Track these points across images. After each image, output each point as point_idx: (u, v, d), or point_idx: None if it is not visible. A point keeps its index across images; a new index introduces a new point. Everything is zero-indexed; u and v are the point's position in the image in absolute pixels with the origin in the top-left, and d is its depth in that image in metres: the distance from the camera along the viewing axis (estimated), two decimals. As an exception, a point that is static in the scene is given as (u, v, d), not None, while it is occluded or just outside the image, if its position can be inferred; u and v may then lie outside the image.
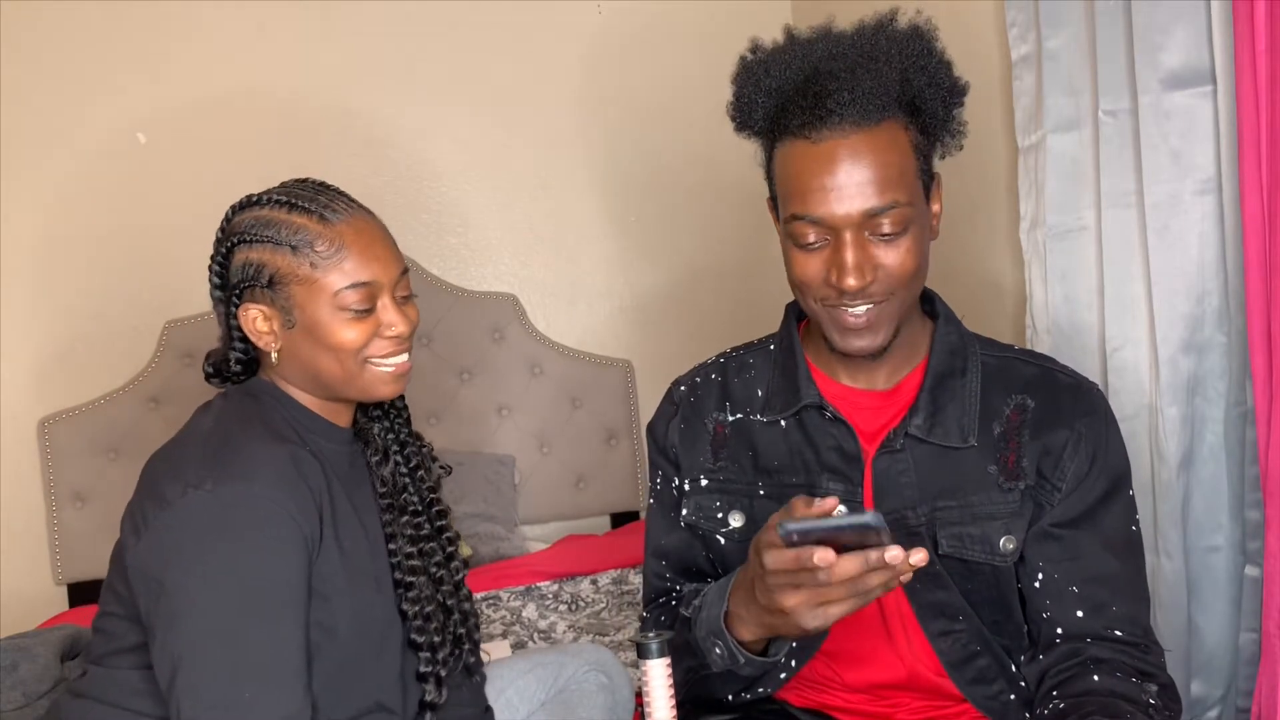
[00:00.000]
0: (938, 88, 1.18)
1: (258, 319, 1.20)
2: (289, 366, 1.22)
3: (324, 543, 1.16)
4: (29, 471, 2.42)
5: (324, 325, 1.18)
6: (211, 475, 1.12)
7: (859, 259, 1.13)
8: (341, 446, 1.26)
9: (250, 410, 1.22)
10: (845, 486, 1.22)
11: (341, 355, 1.19)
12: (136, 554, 1.13)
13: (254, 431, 1.17)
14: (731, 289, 2.87)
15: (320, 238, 1.17)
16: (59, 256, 2.48)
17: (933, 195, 1.21)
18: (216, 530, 1.10)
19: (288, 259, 1.17)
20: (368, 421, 1.32)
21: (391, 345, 1.21)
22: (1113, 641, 1.17)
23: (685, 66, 2.82)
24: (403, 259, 1.24)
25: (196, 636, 1.09)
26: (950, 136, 1.22)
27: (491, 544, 2.50)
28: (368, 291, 1.18)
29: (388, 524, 1.26)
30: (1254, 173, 1.43)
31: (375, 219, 1.23)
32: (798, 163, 1.15)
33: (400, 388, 1.24)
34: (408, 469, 1.33)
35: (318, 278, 1.17)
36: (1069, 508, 1.20)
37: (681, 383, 1.36)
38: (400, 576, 1.24)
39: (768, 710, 1.28)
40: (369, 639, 1.21)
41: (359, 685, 1.20)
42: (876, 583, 0.95)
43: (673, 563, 1.34)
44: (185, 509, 1.11)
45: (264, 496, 1.11)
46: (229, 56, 2.58)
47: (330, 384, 1.22)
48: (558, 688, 1.52)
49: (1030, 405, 1.22)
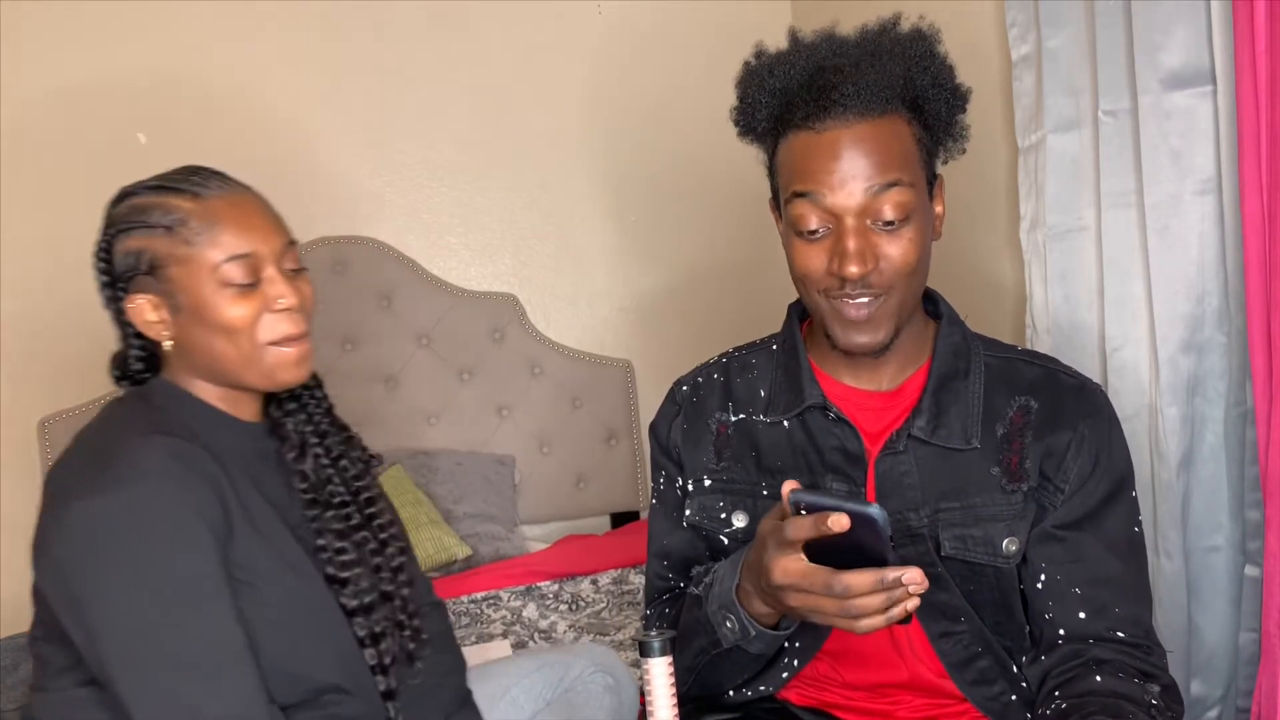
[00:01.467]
0: (940, 89, 1.18)
1: (145, 309, 1.18)
2: (185, 356, 1.19)
3: (235, 530, 1.12)
4: (29, 471, 2.42)
5: (209, 304, 1.14)
6: (93, 484, 1.08)
7: (861, 246, 1.13)
8: (247, 441, 1.22)
9: (135, 412, 1.18)
10: (849, 487, 1.22)
11: (234, 336, 1.15)
12: (42, 574, 1.11)
13: (133, 430, 1.13)
14: (732, 289, 2.87)
15: (193, 215, 1.15)
16: (59, 256, 2.47)
17: (935, 196, 1.21)
18: (111, 537, 1.06)
19: (164, 241, 1.15)
20: (281, 415, 1.27)
21: (285, 322, 1.17)
22: (1115, 643, 1.17)
23: (686, 67, 2.83)
24: (288, 232, 1.21)
25: (122, 643, 1.06)
26: (953, 140, 1.22)
27: (491, 544, 2.50)
28: (248, 264, 1.15)
29: (313, 519, 1.22)
30: (1254, 173, 1.43)
31: (254, 194, 1.21)
32: (801, 149, 1.15)
33: (303, 373, 1.20)
34: (329, 459, 1.28)
35: (194, 255, 1.14)
36: (1072, 509, 1.20)
37: (684, 382, 1.36)
38: (334, 573, 1.20)
39: (769, 709, 1.28)
40: (307, 622, 1.17)
41: (305, 669, 1.17)
42: (878, 603, 0.95)
43: (675, 562, 1.34)
44: (75, 522, 1.07)
45: (151, 493, 1.07)
46: (230, 57, 2.58)
47: (228, 370, 1.17)
48: (563, 688, 1.52)
49: (1034, 406, 1.22)
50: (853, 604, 0.95)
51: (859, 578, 0.95)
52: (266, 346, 1.17)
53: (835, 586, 0.96)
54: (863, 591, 0.95)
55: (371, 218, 2.70)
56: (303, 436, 1.27)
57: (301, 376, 1.20)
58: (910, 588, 0.94)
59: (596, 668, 1.54)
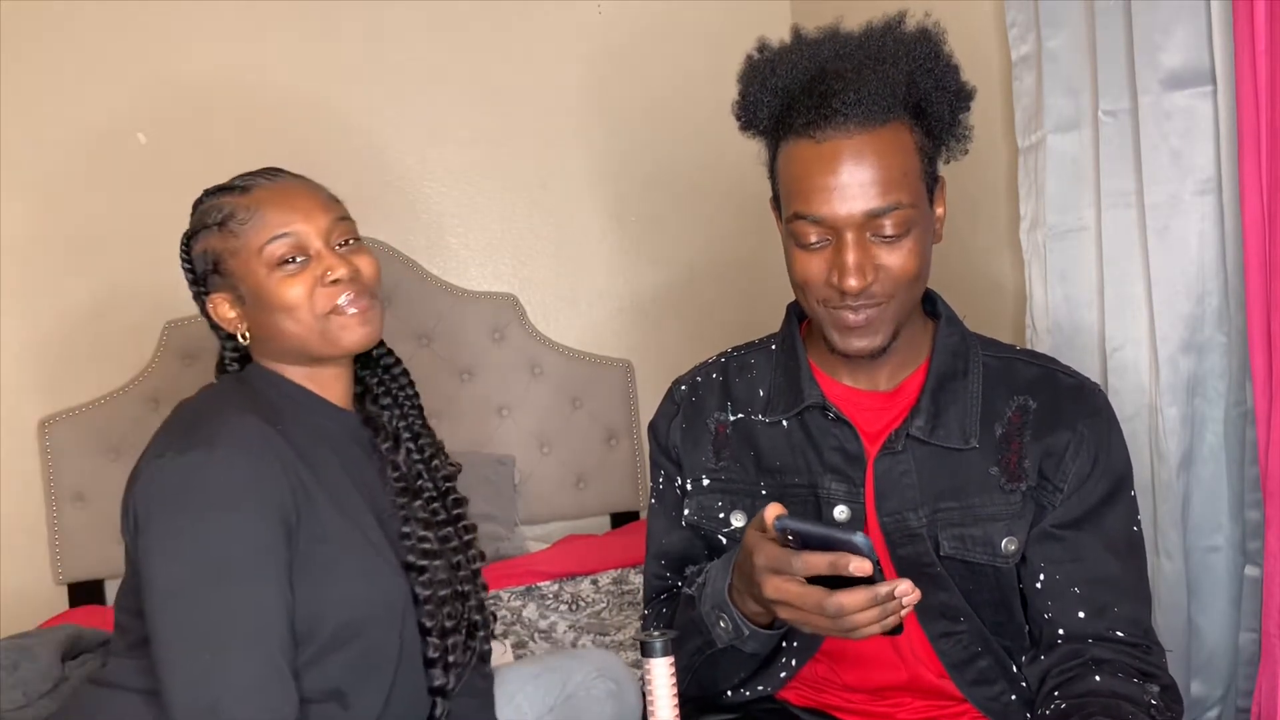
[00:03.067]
0: (944, 91, 1.18)
1: (222, 306, 1.24)
2: (262, 344, 1.24)
3: (314, 508, 1.16)
4: (29, 471, 2.42)
5: (263, 287, 1.20)
6: (175, 445, 1.14)
7: (860, 260, 1.13)
8: (340, 427, 1.27)
9: (231, 390, 1.24)
10: (847, 487, 1.22)
11: (294, 313, 1.20)
12: (125, 528, 1.16)
13: (225, 404, 1.19)
14: (732, 289, 2.87)
15: (239, 207, 1.21)
16: (59, 256, 2.48)
17: (936, 198, 1.21)
18: (176, 497, 1.12)
19: (218, 237, 1.22)
20: (376, 409, 1.32)
21: (341, 290, 1.21)
22: (1114, 642, 1.17)
23: (686, 66, 2.82)
24: (338, 209, 1.25)
25: (160, 602, 1.11)
26: (955, 141, 1.22)
27: (491, 544, 2.49)
28: (292, 241, 1.20)
29: (402, 507, 1.26)
30: (1254, 173, 1.43)
31: (303, 179, 1.26)
32: (801, 162, 1.14)
33: (369, 334, 1.23)
34: (422, 457, 1.34)
35: (242, 244, 1.20)
36: (1070, 509, 1.20)
37: (682, 382, 1.36)
38: (413, 560, 1.24)
39: (768, 709, 1.29)
40: (378, 606, 1.20)
41: (367, 665, 1.20)
42: (872, 618, 0.96)
43: (673, 562, 1.34)
44: (150, 477, 1.13)
45: (224, 461, 1.12)
46: (230, 58, 2.58)
47: (299, 346, 1.22)
48: (566, 694, 1.52)
49: (1032, 406, 1.22)
50: (846, 620, 0.96)
51: (852, 597, 0.96)
52: (326, 317, 1.21)
53: (829, 608, 0.96)
54: (856, 610, 0.96)
55: (371, 218, 2.69)
56: (396, 430, 1.32)
57: (368, 337, 1.24)
58: (903, 600, 0.95)
59: (599, 673, 1.54)
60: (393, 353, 1.39)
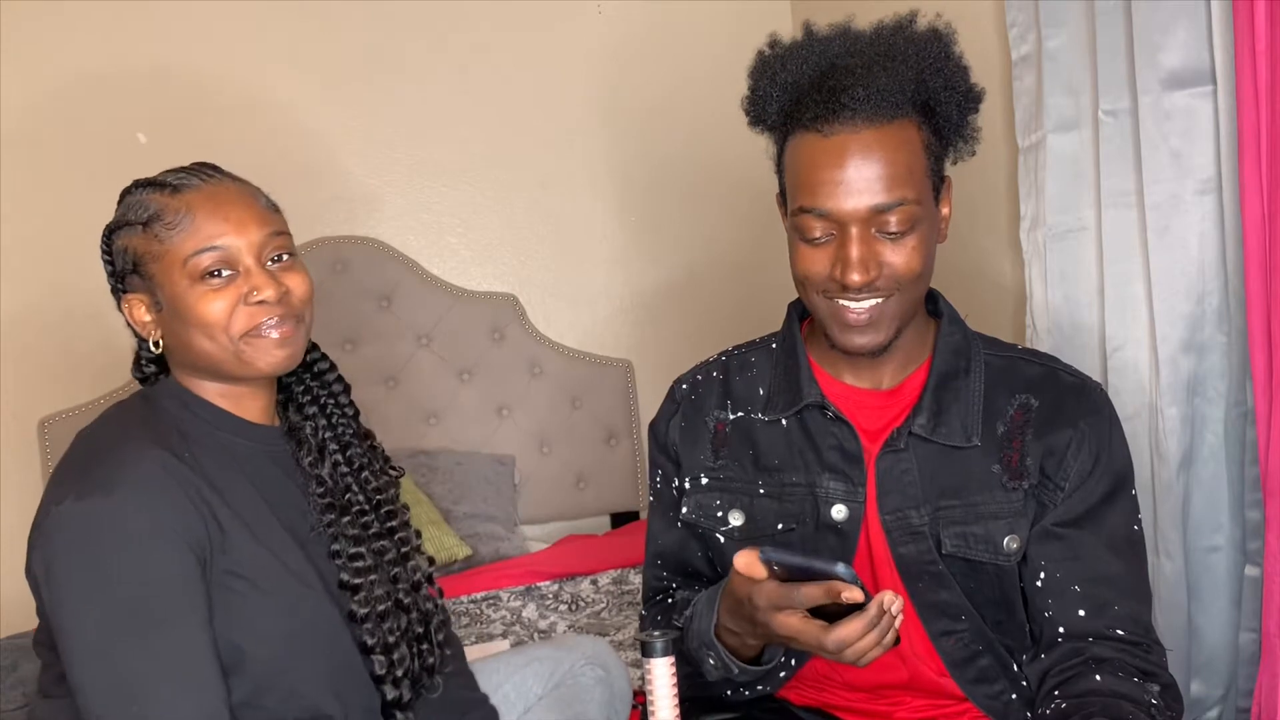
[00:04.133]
0: (953, 91, 1.18)
1: (138, 309, 1.16)
2: (175, 355, 1.17)
3: (228, 540, 1.10)
4: (29, 471, 2.42)
5: (183, 299, 1.11)
6: (74, 489, 1.06)
7: (864, 254, 1.13)
8: (257, 444, 1.19)
9: (134, 414, 1.16)
10: (846, 486, 1.22)
11: (211, 332, 1.11)
12: (29, 575, 1.10)
13: (126, 436, 1.11)
14: (732, 289, 2.87)
15: (166, 208, 1.12)
16: (59, 256, 2.48)
17: (942, 198, 1.21)
18: (79, 545, 1.05)
19: (141, 237, 1.13)
20: (300, 419, 1.25)
21: (265, 312, 1.12)
22: (1115, 641, 1.17)
23: (686, 66, 2.83)
24: (274, 222, 1.16)
25: (77, 657, 1.05)
26: (963, 142, 1.22)
27: (491, 544, 2.50)
28: (220, 255, 1.10)
29: (330, 524, 1.19)
30: (1254, 173, 1.43)
31: (240, 185, 1.17)
32: (808, 155, 1.15)
33: (284, 358, 1.15)
34: (350, 469, 1.26)
35: (167, 249, 1.11)
36: (1071, 507, 1.20)
37: (683, 381, 1.36)
38: (346, 579, 1.18)
39: (769, 709, 1.29)
40: (304, 640, 1.14)
41: (296, 683, 1.14)
42: (872, 642, 0.99)
43: (669, 562, 1.34)
44: (50, 527, 1.06)
45: (126, 504, 1.05)
46: (230, 57, 2.58)
47: (212, 366, 1.14)
48: (555, 682, 1.52)
49: (1034, 405, 1.22)
50: (849, 652, 0.99)
51: (849, 629, 0.99)
52: (243, 338, 1.13)
53: (829, 645, 0.99)
54: (855, 638, 0.99)
55: (371, 218, 2.70)
56: (322, 442, 1.24)
57: (286, 362, 1.15)
58: (892, 609, 0.99)
59: (588, 661, 1.54)
60: (326, 357, 1.30)
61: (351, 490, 1.24)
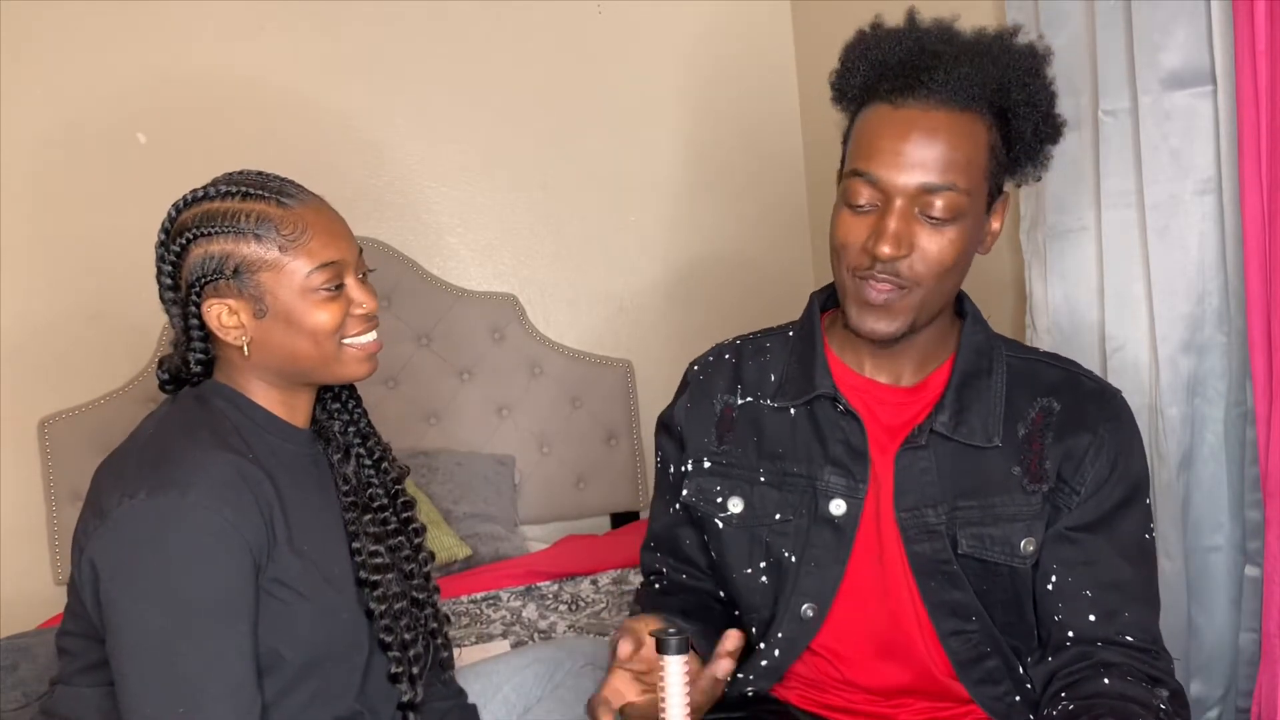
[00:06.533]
0: (1033, 109, 1.17)
1: (223, 313, 1.18)
2: (260, 358, 1.20)
3: (277, 549, 1.14)
4: (29, 471, 2.42)
5: (297, 309, 1.17)
6: (146, 484, 1.09)
7: (900, 230, 1.13)
8: (301, 448, 1.24)
9: (196, 416, 1.19)
10: (847, 482, 1.22)
11: (319, 338, 1.18)
12: (81, 568, 1.11)
13: (196, 438, 1.14)
14: (732, 289, 2.87)
15: (283, 222, 1.17)
16: (59, 256, 2.48)
17: (995, 210, 1.20)
18: (150, 541, 1.08)
19: (253, 247, 1.16)
20: (327, 419, 1.30)
21: (363, 324, 1.22)
22: (1123, 647, 1.17)
23: (685, 66, 2.82)
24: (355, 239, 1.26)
25: (130, 652, 1.08)
26: (1032, 165, 1.21)
27: (491, 544, 2.50)
28: (335, 271, 1.18)
29: (351, 523, 1.24)
30: (1254, 173, 1.43)
31: (325, 201, 1.24)
32: (874, 123, 1.15)
33: (373, 367, 1.24)
34: (371, 462, 1.31)
35: (286, 262, 1.16)
36: (1086, 512, 1.20)
37: (696, 362, 1.36)
38: (365, 575, 1.22)
39: (770, 710, 1.29)
40: (337, 644, 1.19)
41: (329, 695, 1.18)
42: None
43: (662, 544, 1.36)
44: (120, 520, 1.08)
45: (200, 505, 1.08)
46: (229, 56, 2.58)
47: (306, 369, 1.21)
48: (554, 683, 1.52)
49: (1055, 408, 1.22)
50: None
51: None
52: (344, 346, 1.21)
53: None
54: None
55: (371, 218, 2.70)
56: (348, 440, 1.30)
57: (371, 371, 1.24)
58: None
59: (587, 662, 1.55)
60: None
61: (373, 485, 1.30)
